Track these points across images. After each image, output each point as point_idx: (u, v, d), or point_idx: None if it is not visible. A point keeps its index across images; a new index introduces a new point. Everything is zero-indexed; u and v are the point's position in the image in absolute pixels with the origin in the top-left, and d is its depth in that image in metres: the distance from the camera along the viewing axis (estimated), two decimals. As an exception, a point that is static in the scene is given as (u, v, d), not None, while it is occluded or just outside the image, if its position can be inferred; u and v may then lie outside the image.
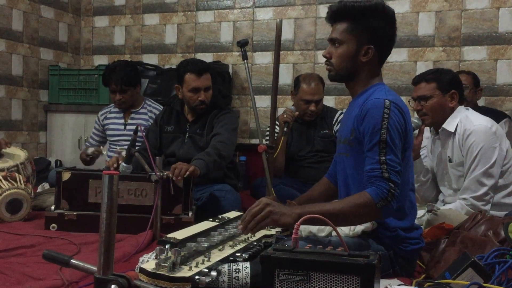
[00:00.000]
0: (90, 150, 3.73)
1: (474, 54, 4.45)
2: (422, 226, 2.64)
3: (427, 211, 2.71)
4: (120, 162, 2.94)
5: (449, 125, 2.91)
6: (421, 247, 2.14)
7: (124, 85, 3.87)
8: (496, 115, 3.96)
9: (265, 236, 2.23)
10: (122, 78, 3.86)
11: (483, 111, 3.95)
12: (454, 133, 2.89)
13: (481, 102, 4.30)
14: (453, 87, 2.92)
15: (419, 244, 2.11)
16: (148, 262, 1.72)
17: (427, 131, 3.22)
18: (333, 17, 2.14)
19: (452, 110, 2.92)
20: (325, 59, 2.17)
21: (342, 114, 3.86)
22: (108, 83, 3.91)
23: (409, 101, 3.07)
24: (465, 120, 2.87)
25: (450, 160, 2.93)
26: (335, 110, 3.97)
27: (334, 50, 2.12)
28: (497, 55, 4.37)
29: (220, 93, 3.66)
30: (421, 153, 3.09)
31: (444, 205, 2.92)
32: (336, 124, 3.82)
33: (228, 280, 1.77)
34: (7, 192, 3.02)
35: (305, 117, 3.76)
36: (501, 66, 4.37)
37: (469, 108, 3.05)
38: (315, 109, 3.74)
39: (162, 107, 3.91)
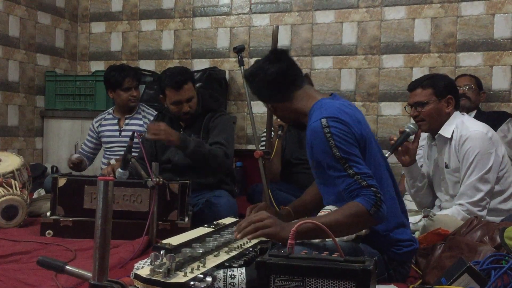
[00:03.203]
0: (74, 156, 3.73)
1: (469, 60, 4.46)
2: (418, 232, 2.65)
3: (423, 217, 2.71)
4: (116, 169, 2.94)
5: (446, 131, 2.91)
6: (415, 248, 2.13)
7: (137, 80, 3.95)
8: (499, 116, 4.00)
9: (261, 242, 2.22)
10: (136, 73, 3.94)
11: (487, 115, 3.99)
12: (451, 139, 2.89)
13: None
14: (449, 92, 2.93)
15: (412, 245, 2.10)
16: (143, 268, 1.71)
17: (422, 136, 3.22)
18: None
19: (448, 115, 2.92)
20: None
21: None
22: (120, 83, 3.89)
23: (405, 107, 3.07)
24: (461, 126, 2.87)
25: (446, 166, 2.94)
26: None
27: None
28: (493, 61, 4.39)
29: (211, 97, 3.66)
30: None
31: (440, 210, 2.93)
32: None
33: (223, 286, 1.76)
34: (2, 199, 3.02)
35: None
36: (496, 72, 4.38)
37: (465, 114, 3.06)
38: None
39: (156, 113, 3.90)
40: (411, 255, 2.16)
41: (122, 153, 3.11)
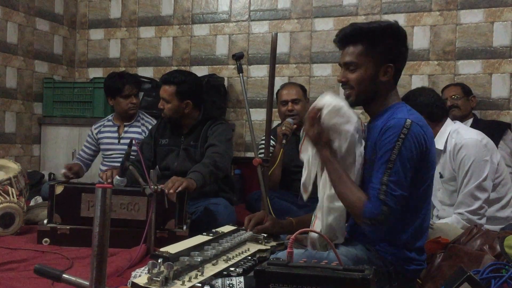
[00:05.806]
0: (62, 171, 3.67)
1: (468, 68, 4.46)
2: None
3: (423, 225, 2.69)
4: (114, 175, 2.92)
5: (438, 143, 2.92)
6: (423, 268, 2.11)
7: (137, 88, 3.94)
8: (497, 126, 3.99)
9: (260, 251, 2.21)
10: (136, 80, 3.95)
11: (484, 123, 3.99)
12: (444, 149, 2.90)
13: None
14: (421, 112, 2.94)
15: (422, 265, 2.08)
16: (141, 276, 1.69)
17: None
18: (346, 40, 2.07)
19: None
20: (341, 84, 2.10)
21: None
22: (120, 90, 3.90)
23: None
24: (455, 134, 2.88)
25: (441, 176, 2.93)
26: None
27: (350, 74, 2.05)
28: (492, 69, 4.39)
29: (214, 105, 3.65)
30: None
31: (438, 220, 2.92)
32: None
33: (222, 295, 1.75)
34: (-1, 206, 3.00)
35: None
36: (495, 80, 4.39)
37: (457, 121, 3.06)
38: (292, 108, 3.74)
39: (155, 120, 3.91)
40: (418, 273, 2.13)
41: (120, 160, 3.09)
